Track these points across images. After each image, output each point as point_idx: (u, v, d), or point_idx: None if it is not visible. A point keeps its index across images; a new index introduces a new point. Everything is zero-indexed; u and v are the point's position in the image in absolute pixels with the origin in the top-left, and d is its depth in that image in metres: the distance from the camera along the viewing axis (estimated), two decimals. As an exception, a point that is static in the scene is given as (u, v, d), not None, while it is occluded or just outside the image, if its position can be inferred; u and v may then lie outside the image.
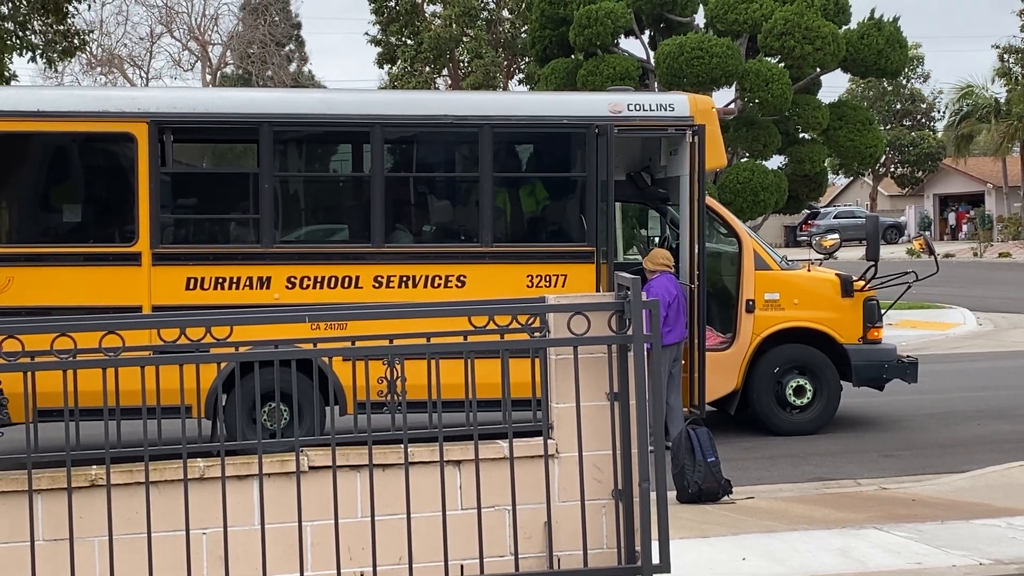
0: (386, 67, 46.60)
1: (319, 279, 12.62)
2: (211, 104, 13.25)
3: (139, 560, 5.81)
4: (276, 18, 57.87)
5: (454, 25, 43.83)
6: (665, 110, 13.27)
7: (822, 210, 66.90)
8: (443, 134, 13.47)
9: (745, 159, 25.32)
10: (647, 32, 27.61)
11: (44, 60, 24.05)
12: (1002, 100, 59.03)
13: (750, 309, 13.75)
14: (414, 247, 13.18)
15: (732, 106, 25.98)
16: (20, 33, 22.75)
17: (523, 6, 42.08)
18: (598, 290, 12.59)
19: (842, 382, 14.13)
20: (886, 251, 28.66)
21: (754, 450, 13.17)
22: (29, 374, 5.76)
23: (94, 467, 5.89)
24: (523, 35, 42.47)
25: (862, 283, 14.08)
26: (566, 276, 12.91)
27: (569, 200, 13.54)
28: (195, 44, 55.18)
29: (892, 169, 73.45)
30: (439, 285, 12.78)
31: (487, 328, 6.26)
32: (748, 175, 24.24)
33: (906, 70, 58.09)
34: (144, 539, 5.80)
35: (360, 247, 12.91)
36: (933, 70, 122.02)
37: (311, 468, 6.12)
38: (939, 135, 72.09)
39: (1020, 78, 58.06)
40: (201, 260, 12.54)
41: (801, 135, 26.63)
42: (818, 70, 25.53)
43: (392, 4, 44.60)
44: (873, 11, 25.86)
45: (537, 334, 6.28)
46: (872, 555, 8.02)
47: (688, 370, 13.14)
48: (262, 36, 54.34)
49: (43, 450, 6.22)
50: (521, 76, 45.84)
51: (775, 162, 27.52)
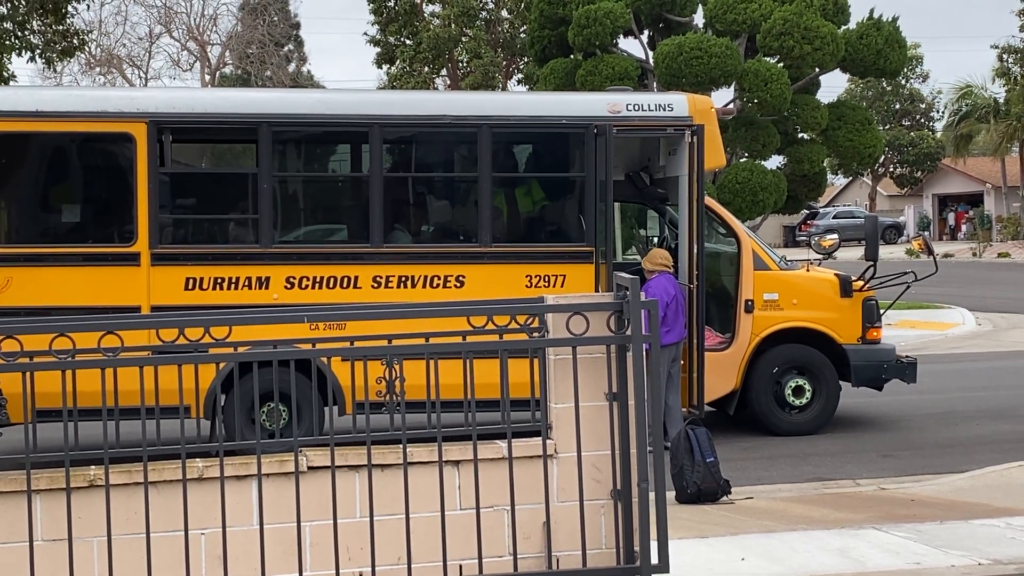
0: (385, 67, 46.61)
1: (318, 279, 12.62)
2: (210, 104, 13.25)
3: (138, 560, 5.81)
4: (275, 18, 57.84)
5: (453, 25, 43.84)
6: (664, 110, 13.27)
7: (821, 210, 66.94)
8: (442, 134, 13.47)
9: (744, 159, 25.31)
10: (646, 32, 27.61)
11: (43, 60, 24.04)
12: (1001, 100, 59.02)
13: (749, 309, 13.74)
14: (413, 247, 13.17)
15: (731, 106, 25.97)
16: (19, 33, 22.73)
17: (522, 6, 42.09)
18: (597, 290, 12.58)
19: (841, 382, 14.12)
20: (885, 251, 28.67)
21: (753, 450, 13.16)
22: (28, 374, 5.77)
23: (93, 467, 5.89)
24: (522, 35, 42.49)
25: (861, 283, 14.08)
26: (565, 276, 12.91)
27: (568, 200, 13.53)
28: (194, 44, 55.15)
29: (891, 169, 73.47)
30: (438, 285, 12.77)
31: (486, 328, 6.26)
32: (747, 175, 24.23)
33: (905, 70, 58.06)
34: (143, 539, 5.80)
35: (359, 247, 12.91)
36: (932, 70, 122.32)
37: (310, 468, 6.12)
38: (938, 135, 72.08)
39: (1019, 78, 58.05)
40: (200, 260, 12.54)
41: (800, 135, 26.62)
42: (817, 70, 25.52)
43: (391, 4, 44.61)
44: (872, 11, 25.85)
45: (536, 334, 6.28)
46: (871, 555, 8.02)
47: (687, 370, 13.14)
48: (261, 36, 54.31)
49: (42, 450, 6.21)
50: (520, 76, 45.86)
51: (774, 162, 27.54)
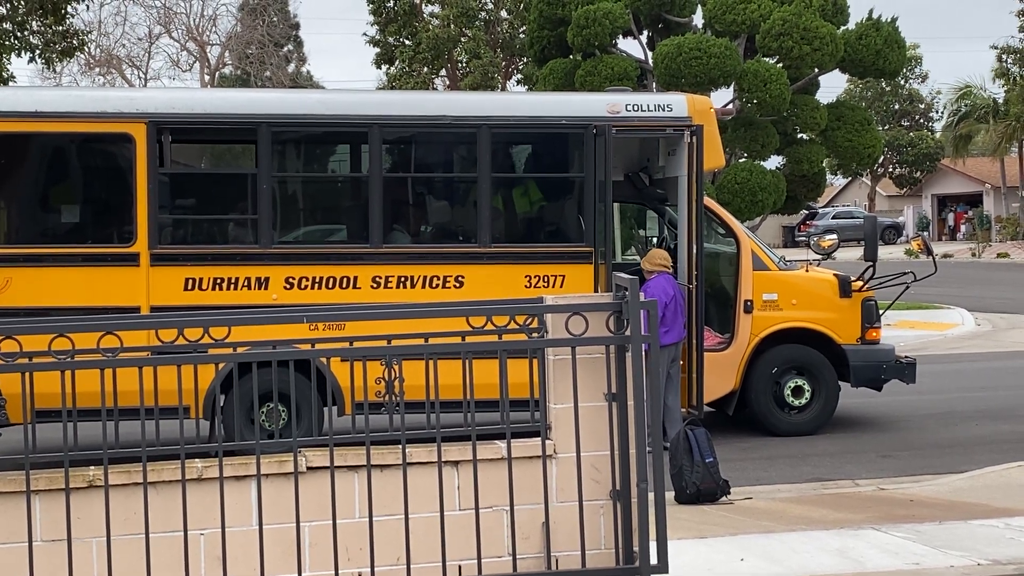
0: (384, 67, 46.59)
1: (317, 280, 12.62)
2: (209, 105, 13.25)
3: (137, 561, 5.81)
4: (274, 19, 57.82)
5: (452, 25, 43.83)
6: (663, 110, 13.27)
7: (820, 210, 66.95)
8: (441, 135, 13.46)
9: (743, 159, 25.31)
10: (645, 32, 27.61)
11: (43, 61, 24.04)
12: (1000, 100, 59.02)
13: (748, 309, 13.74)
14: (412, 247, 13.17)
15: (730, 106, 25.98)
16: (19, 33, 22.73)
17: (521, 6, 42.10)
18: (596, 291, 12.58)
19: (840, 382, 14.12)
20: (884, 251, 28.67)
21: (752, 451, 13.16)
22: (27, 375, 5.77)
23: (92, 468, 5.89)
24: (521, 35, 42.49)
25: (860, 283, 14.08)
26: (564, 277, 12.91)
27: (567, 201, 13.53)
28: (193, 45, 55.11)
29: (890, 169, 73.47)
30: (437, 286, 12.77)
31: (485, 329, 6.26)
32: (746, 175, 24.24)
33: (904, 70, 58.02)
34: (142, 540, 5.80)
35: (358, 248, 12.90)
36: (931, 70, 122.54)
37: (309, 469, 6.12)
38: (937, 135, 72.09)
39: (1018, 78, 58.03)
40: (199, 261, 12.53)
41: (799, 135, 26.62)
42: (816, 70, 25.53)
43: (390, 4, 44.60)
44: (871, 11, 25.85)
45: (535, 334, 6.28)
46: (870, 555, 8.02)
47: (686, 370, 13.14)
48: (260, 36, 54.28)
49: (41, 451, 6.21)
50: (519, 76, 45.86)
51: (773, 162, 27.54)
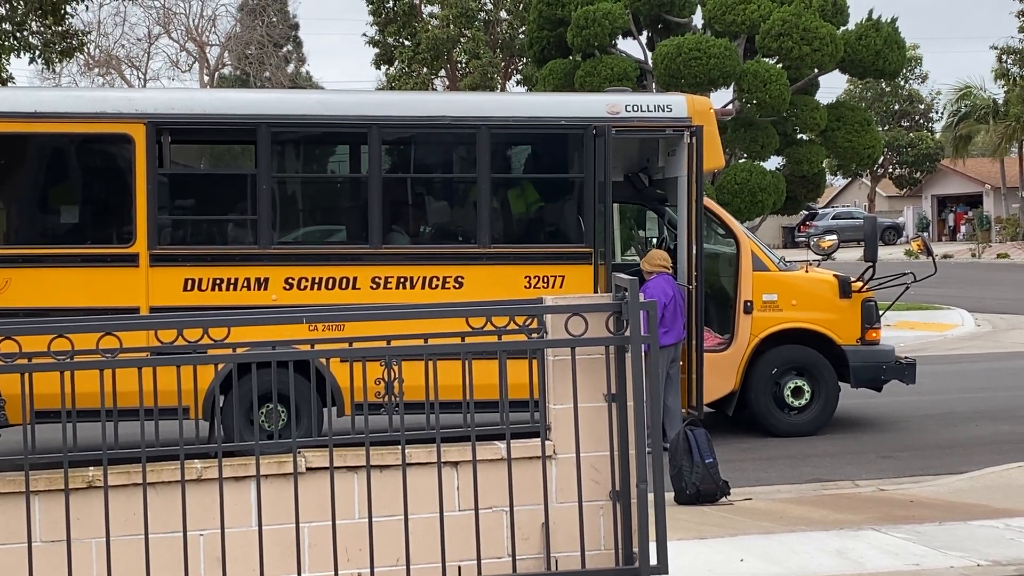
0: (384, 68, 46.62)
1: (317, 280, 12.61)
2: (209, 105, 13.25)
3: (136, 562, 5.80)
4: (274, 19, 57.85)
5: (451, 26, 43.86)
6: (663, 111, 13.26)
7: (820, 211, 66.95)
8: (441, 135, 13.46)
9: (743, 160, 25.31)
10: (645, 33, 27.61)
11: (43, 61, 24.05)
12: (1000, 101, 59.02)
13: (748, 310, 13.74)
14: (412, 248, 13.16)
15: (730, 107, 25.97)
16: (18, 34, 22.72)
17: (521, 7, 42.13)
18: (596, 291, 12.57)
19: (840, 383, 14.12)
20: (884, 252, 28.65)
21: (752, 451, 13.16)
22: (26, 375, 5.76)
23: (91, 468, 5.88)
24: (521, 36, 42.51)
25: (860, 284, 14.08)
26: (564, 277, 12.91)
27: (567, 201, 13.53)
28: (193, 45, 55.16)
29: (890, 170, 73.46)
30: (437, 286, 12.76)
31: (485, 329, 6.26)
32: (746, 176, 24.23)
33: (904, 71, 58.00)
34: (141, 540, 5.80)
35: (358, 248, 12.89)
36: (931, 71, 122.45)
37: (308, 469, 6.11)
38: (937, 136, 72.08)
39: (1018, 79, 58.03)
40: (199, 261, 12.52)
41: (799, 136, 26.62)
42: (816, 71, 25.53)
43: (390, 5, 44.63)
44: (871, 12, 25.85)
45: (535, 335, 6.28)
46: (870, 556, 8.01)
47: (686, 371, 13.14)
48: (260, 37, 54.31)
49: (40, 451, 6.21)
50: (519, 77, 45.88)
51: (773, 163, 27.53)
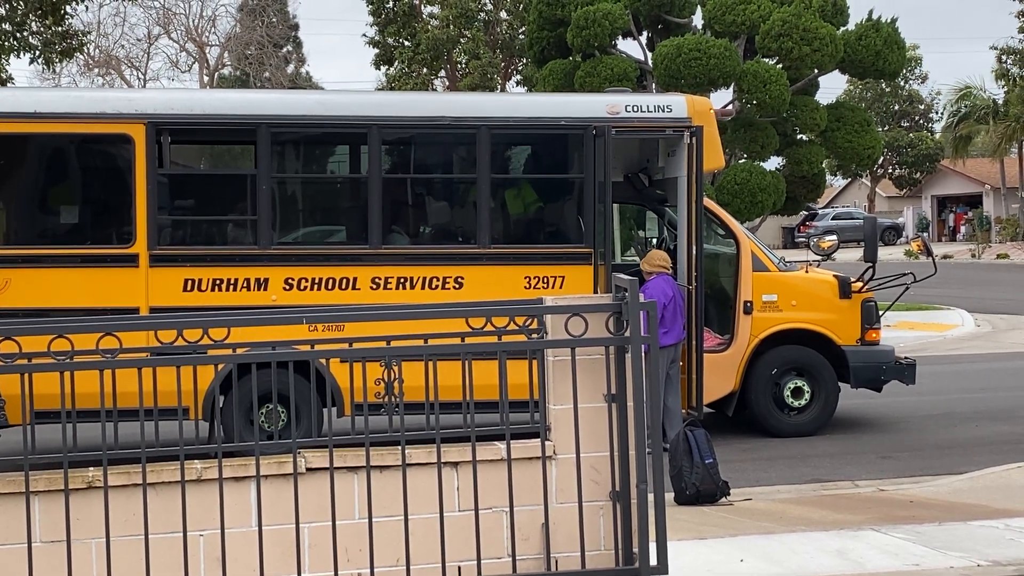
0: (383, 68, 46.62)
1: (316, 281, 12.61)
2: (208, 105, 13.25)
3: (136, 562, 5.80)
4: (274, 19, 57.86)
5: (451, 26, 43.86)
6: (663, 111, 13.26)
7: (820, 211, 66.93)
8: (441, 135, 13.46)
9: (743, 160, 25.31)
10: (645, 33, 27.60)
11: (43, 61, 24.05)
12: (1000, 101, 59.01)
13: (748, 310, 13.74)
14: (411, 249, 13.16)
15: (730, 107, 25.97)
16: (18, 34, 22.72)
17: (521, 7, 42.12)
18: (596, 291, 12.57)
19: (840, 383, 14.12)
20: (884, 252, 28.65)
21: (752, 452, 13.16)
22: (26, 376, 5.76)
23: (91, 469, 5.88)
24: (521, 36, 42.52)
25: (860, 284, 14.08)
26: (564, 278, 12.91)
27: (567, 202, 13.52)
28: (192, 45, 55.17)
29: (890, 170, 73.45)
30: (437, 287, 12.76)
31: (485, 330, 6.26)
32: (746, 176, 24.23)
33: (904, 71, 57.96)
34: (141, 541, 5.80)
35: (358, 249, 12.89)
36: (931, 71, 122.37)
37: (308, 470, 6.11)
38: (937, 136, 72.06)
39: (1018, 79, 58.02)
40: (198, 262, 12.52)
41: (799, 136, 26.62)
42: (816, 71, 25.52)
43: (390, 5, 44.64)
44: (871, 12, 25.85)
45: (535, 335, 6.27)
46: (870, 556, 8.01)
47: (686, 371, 13.14)
48: (259, 37, 54.32)
49: (40, 452, 6.21)
50: (519, 77, 45.89)
51: (773, 163, 27.53)
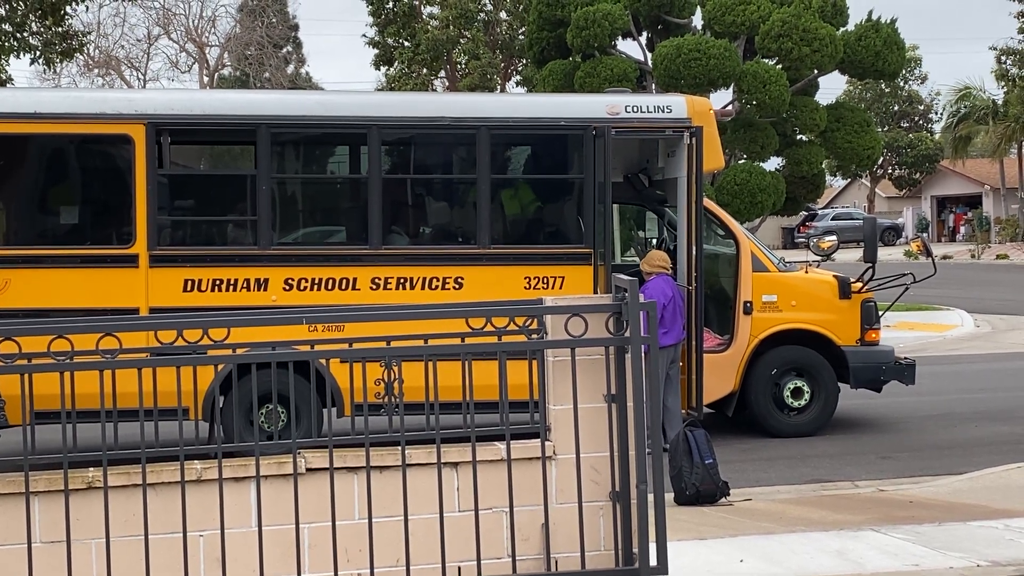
0: (383, 69, 46.65)
1: (316, 281, 12.61)
2: (208, 106, 13.26)
3: (136, 562, 5.80)
4: (273, 20, 57.87)
5: (451, 27, 43.87)
6: (663, 112, 13.26)
7: (820, 212, 66.93)
8: (440, 136, 13.46)
9: (743, 161, 25.31)
10: (644, 34, 27.60)
11: (43, 62, 24.05)
12: (1000, 102, 59.02)
13: (748, 311, 13.74)
14: (411, 249, 13.16)
15: (730, 108, 25.97)
16: (18, 35, 22.72)
17: (520, 8, 42.13)
18: (596, 292, 12.57)
19: (840, 384, 14.12)
20: (884, 253, 28.64)
21: (752, 452, 13.16)
22: (26, 376, 5.76)
23: (91, 469, 5.88)
24: (520, 37, 42.54)
25: (860, 285, 14.08)
26: (564, 278, 12.91)
27: (567, 202, 13.52)
28: (192, 46, 55.17)
29: (890, 171, 73.47)
30: (436, 287, 12.76)
31: (484, 330, 6.26)
32: (746, 176, 24.23)
33: (904, 72, 57.99)
34: (141, 541, 5.80)
35: (357, 249, 12.89)
36: (931, 72, 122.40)
37: (308, 470, 6.11)
38: (937, 137, 72.07)
39: (1018, 80, 58.03)
40: (198, 262, 12.52)
41: (799, 137, 26.62)
42: (816, 72, 25.52)
43: (389, 6, 44.65)
44: (871, 13, 25.84)
45: (534, 336, 6.27)
46: (870, 557, 8.01)
47: (686, 372, 13.14)
48: (259, 38, 54.34)
49: (40, 452, 6.21)
50: (518, 78, 45.90)
51: (773, 164, 27.52)
